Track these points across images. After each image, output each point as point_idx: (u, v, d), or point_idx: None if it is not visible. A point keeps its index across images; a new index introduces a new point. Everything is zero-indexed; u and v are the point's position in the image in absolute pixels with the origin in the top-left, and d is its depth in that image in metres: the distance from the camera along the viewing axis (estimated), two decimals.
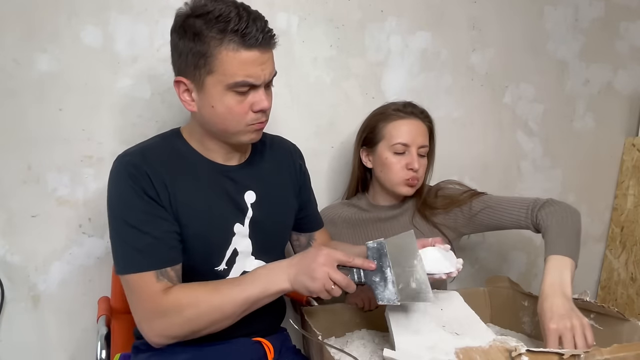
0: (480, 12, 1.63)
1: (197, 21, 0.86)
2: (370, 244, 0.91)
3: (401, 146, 1.24)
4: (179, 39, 0.89)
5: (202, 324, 0.88)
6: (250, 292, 0.88)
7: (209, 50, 0.86)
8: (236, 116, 0.91)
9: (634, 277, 1.80)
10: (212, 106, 0.91)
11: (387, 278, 0.87)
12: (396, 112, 1.27)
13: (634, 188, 1.83)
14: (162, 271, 0.89)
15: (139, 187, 0.90)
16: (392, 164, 1.25)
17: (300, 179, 1.15)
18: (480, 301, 1.17)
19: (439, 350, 0.85)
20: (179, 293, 0.88)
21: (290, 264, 0.90)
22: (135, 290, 0.89)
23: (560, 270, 0.97)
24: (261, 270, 0.91)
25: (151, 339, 0.90)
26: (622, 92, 1.86)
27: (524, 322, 1.10)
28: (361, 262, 0.88)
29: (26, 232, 1.25)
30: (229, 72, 0.87)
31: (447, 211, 1.28)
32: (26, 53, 1.20)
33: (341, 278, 0.85)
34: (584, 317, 0.89)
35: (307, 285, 0.86)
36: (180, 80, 0.92)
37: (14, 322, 1.27)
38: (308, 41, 1.45)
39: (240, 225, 1.00)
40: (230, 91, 0.89)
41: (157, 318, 0.88)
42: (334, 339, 1.06)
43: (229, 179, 1.00)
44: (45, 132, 1.24)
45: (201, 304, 0.87)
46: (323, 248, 0.89)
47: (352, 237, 1.32)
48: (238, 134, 0.95)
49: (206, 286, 0.90)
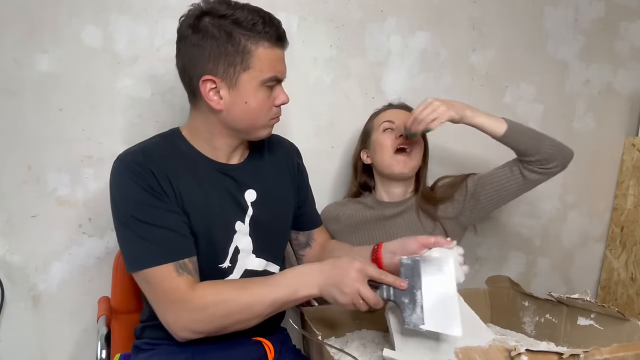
0: (480, 12, 1.63)
1: (225, 20, 0.89)
2: (405, 260, 0.87)
3: (388, 123, 1.32)
4: (203, 38, 0.89)
5: (230, 322, 0.88)
6: (279, 293, 0.87)
7: (246, 47, 0.90)
8: (264, 110, 0.96)
9: (634, 277, 1.80)
10: (245, 102, 0.93)
11: (417, 301, 0.84)
12: (382, 108, 1.39)
13: (634, 188, 1.83)
14: (181, 263, 0.89)
15: (145, 183, 0.90)
16: (382, 140, 1.31)
17: (298, 177, 1.15)
18: (480, 301, 1.17)
19: (438, 350, 0.85)
20: (206, 289, 0.88)
21: (322, 270, 0.88)
22: (157, 284, 0.88)
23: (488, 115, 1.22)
24: (292, 272, 0.91)
25: (177, 333, 0.89)
26: (622, 92, 1.86)
27: (524, 322, 1.10)
28: (392, 280, 0.85)
29: (26, 232, 1.25)
30: (265, 68, 0.92)
31: (447, 200, 1.31)
32: (26, 53, 1.21)
33: (371, 296, 0.84)
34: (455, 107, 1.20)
35: (336, 297, 0.85)
36: (208, 79, 0.92)
37: (14, 322, 1.27)
38: (308, 41, 1.45)
39: (241, 223, 1.01)
40: (263, 86, 0.94)
41: (183, 312, 0.87)
42: (334, 339, 1.05)
43: (229, 177, 1.01)
44: (45, 132, 1.24)
45: (229, 302, 0.87)
46: (356, 261, 0.86)
47: (355, 234, 1.33)
48: (261, 129, 0.99)
49: (234, 284, 0.91)
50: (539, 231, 1.83)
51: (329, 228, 1.31)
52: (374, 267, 0.87)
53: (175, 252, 0.89)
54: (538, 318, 1.07)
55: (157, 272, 0.87)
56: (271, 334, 1.08)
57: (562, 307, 1.03)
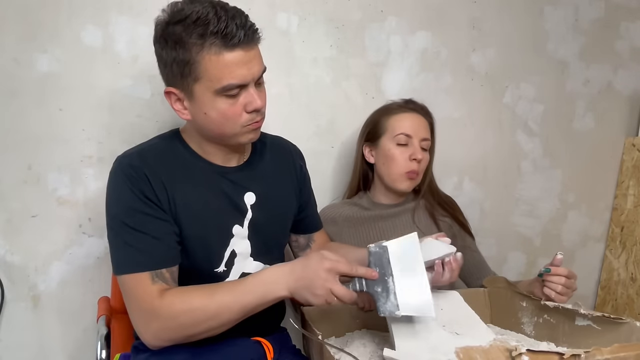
0: (480, 12, 1.63)
1: (176, 28, 0.84)
2: (373, 248, 0.87)
3: (404, 137, 1.26)
4: (162, 49, 0.88)
5: (198, 330, 0.87)
6: (247, 300, 0.86)
7: (191, 57, 0.84)
8: (230, 119, 0.90)
9: (634, 277, 1.80)
10: (204, 113, 0.89)
11: (389, 288, 0.84)
12: (399, 107, 1.32)
13: (634, 188, 1.83)
14: (157, 272, 0.88)
15: (138, 189, 0.89)
16: (395, 155, 1.27)
17: (300, 180, 1.15)
18: (480, 301, 1.17)
19: (439, 350, 0.84)
20: (174, 298, 0.86)
21: (292, 271, 0.86)
22: (131, 291, 0.88)
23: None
24: (260, 276, 0.88)
25: (147, 341, 0.89)
26: (622, 92, 1.86)
27: (523, 323, 1.10)
28: (364, 272, 0.85)
29: (26, 232, 1.25)
30: (215, 77, 0.85)
31: (452, 221, 1.33)
32: (26, 53, 1.21)
33: (344, 293, 0.83)
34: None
35: (308, 299, 0.85)
36: (170, 91, 0.91)
37: (14, 322, 1.27)
38: (308, 41, 1.45)
39: (239, 226, 1.00)
40: (220, 96, 0.87)
41: (152, 321, 0.86)
42: (334, 339, 1.05)
43: (228, 180, 1.00)
44: (45, 132, 1.24)
45: (196, 310, 0.85)
46: (325, 259, 0.84)
47: (353, 235, 1.32)
48: (236, 136, 0.94)
49: (202, 291, 0.88)
50: (539, 231, 1.83)
51: (326, 230, 1.31)
52: (344, 262, 0.85)
53: (154, 261, 0.88)
54: (536, 318, 1.07)
55: (133, 279, 0.87)
56: (271, 334, 1.07)
57: (560, 308, 1.03)
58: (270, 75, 0.98)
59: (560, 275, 1.03)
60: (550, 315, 1.04)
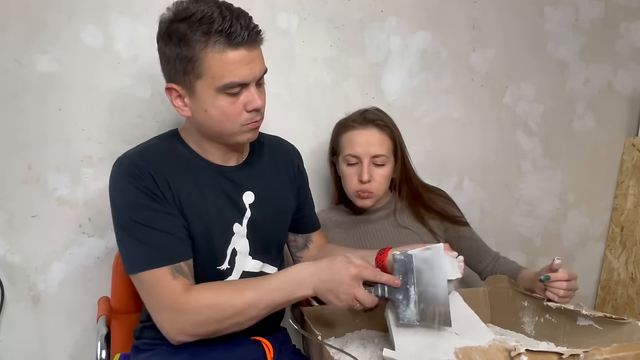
0: (480, 12, 1.63)
1: (180, 25, 0.85)
2: (398, 255, 0.88)
3: (352, 157, 1.24)
4: (165, 45, 0.89)
5: (224, 325, 0.88)
6: (274, 297, 0.88)
7: (195, 54, 0.85)
8: (230, 118, 0.91)
9: (634, 277, 1.80)
10: (205, 110, 0.90)
11: (410, 297, 0.86)
12: (352, 123, 1.27)
13: (634, 188, 1.83)
14: (177, 266, 0.89)
15: (143, 186, 0.90)
16: (345, 174, 1.27)
17: (298, 180, 1.15)
18: (480, 301, 1.17)
19: (438, 350, 0.85)
20: (202, 293, 0.88)
21: (317, 272, 0.88)
22: (153, 287, 0.88)
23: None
24: (287, 274, 0.90)
25: (171, 336, 0.89)
26: (622, 92, 1.86)
27: (524, 322, 1.09)
28: (387, 279, 0.87)
29: (26, 232, 1.25)
30: (217, 75, 0.86)
31: (441, 218, 1.33)
32: (27, 53, 1.21)
33: (367, 298, 0.85)
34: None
35: (332, 302, 0.87)
36: (171, 87, 0.92)
37: (14, 322, 1.27)
38: (308, 41, 1.45)
39: (239, 225, 1.00)
40: (221, 93, 0.88)
41: (178, 316, 0.87)
42: (334, 339, 1.05)
43: (227, 179, 1.00)
44: (45, 132, 1.24)
45: (224, 305, 0.87)
46: (351, 264, 0.86)
47: (344, 239, 1.32)
48: (234, 135, 0.94)
49: (229, 287, 0.90)
50: (539, 231, 1.83)
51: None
52: (369, 269, 0.87)
53: (171, 255, 0.89)
54: (537, 318, 1.07)
55: (153, 275, 0.87)
56: (270, 334, 1.07)
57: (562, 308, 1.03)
58: (270, 75, 0.98)
59: (561, 281, 1.03)
60: (551, 315, 1.04)
